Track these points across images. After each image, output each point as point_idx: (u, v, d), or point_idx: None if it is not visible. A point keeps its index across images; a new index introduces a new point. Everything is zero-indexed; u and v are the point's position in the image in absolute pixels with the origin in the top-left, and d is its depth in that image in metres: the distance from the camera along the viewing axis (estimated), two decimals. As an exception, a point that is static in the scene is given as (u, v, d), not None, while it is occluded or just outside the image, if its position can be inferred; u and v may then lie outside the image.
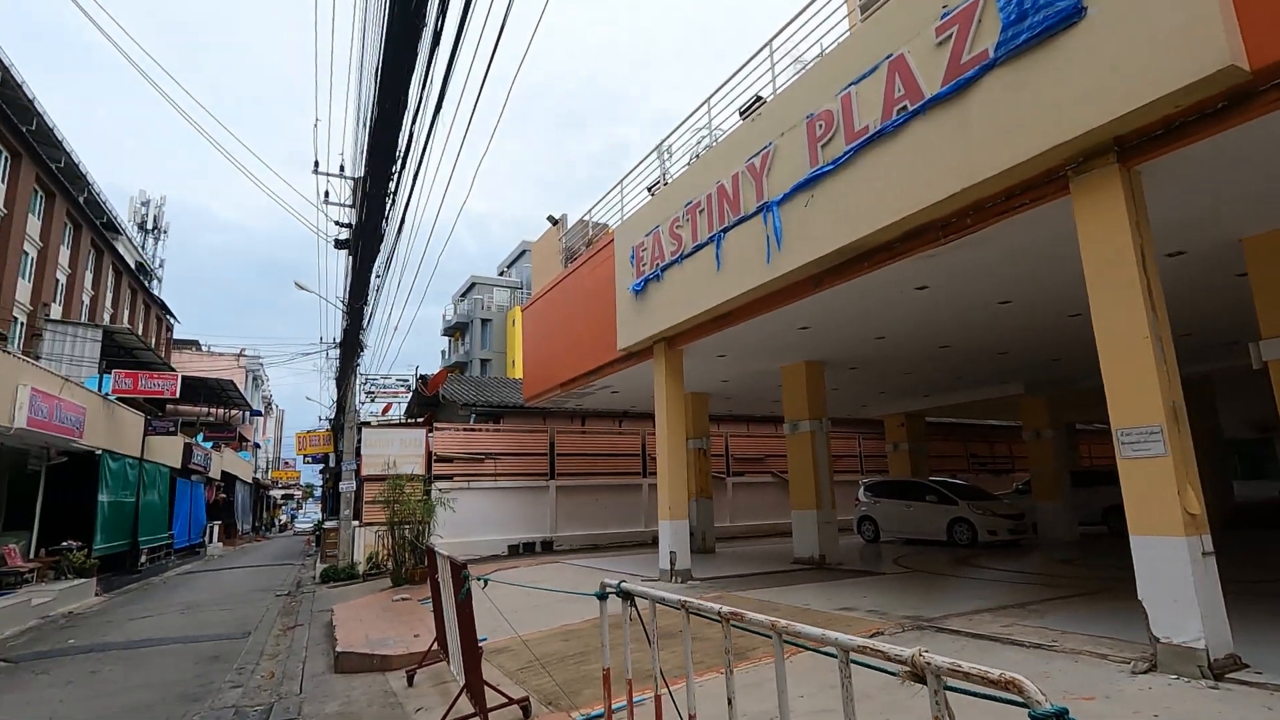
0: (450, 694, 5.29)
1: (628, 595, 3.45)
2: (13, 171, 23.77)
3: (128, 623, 10.83)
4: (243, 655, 7.99)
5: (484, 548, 15.59)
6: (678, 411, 10.92)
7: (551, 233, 15.81)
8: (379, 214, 9.24)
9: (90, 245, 29.94)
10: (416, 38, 5.50)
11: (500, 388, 20.99)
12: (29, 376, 12.38)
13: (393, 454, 15.58)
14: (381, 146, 7.43)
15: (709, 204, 8.90)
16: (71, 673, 7.43)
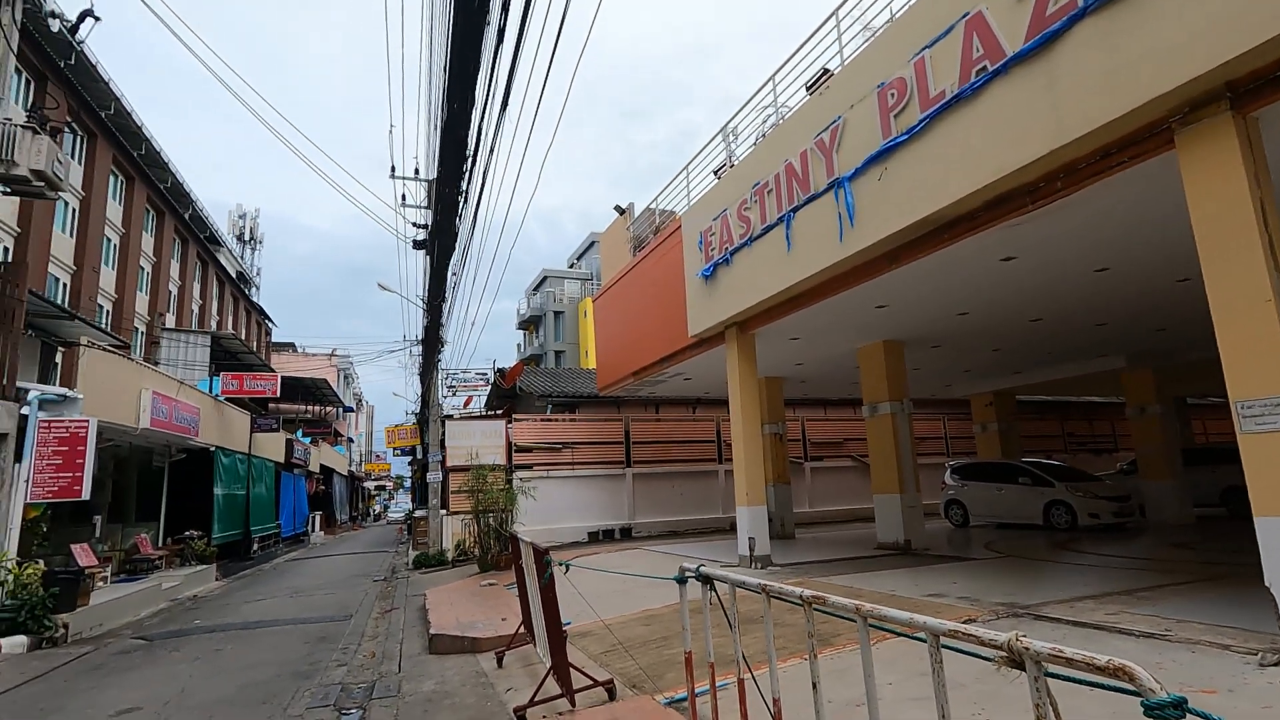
0: (538, 675, 5.46)
1: (707, 580, 3.46)
2: (127, 194, 25.89)
3: (244, 605, 11.71)
4: (346, 636, 8.50)
5: (565, 534, 15.96)
6: (751, 397, 10.80)
7: (619, 222, 15.89)
8: (453, 213, 9.54)
9: (196, 258, 32.31)
10: (480, 35, 5.62)
11: (574, 378, 21.35)
12: (150, 381, 13.52)
13: (475, 445, 16.13)
14: (452, 146, 7.66)
15: (777, 184, 8.71)
16: (198, 650, 8.11)
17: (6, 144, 8.98)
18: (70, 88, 20.85)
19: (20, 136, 9.01)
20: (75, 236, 22.14)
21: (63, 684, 6.85)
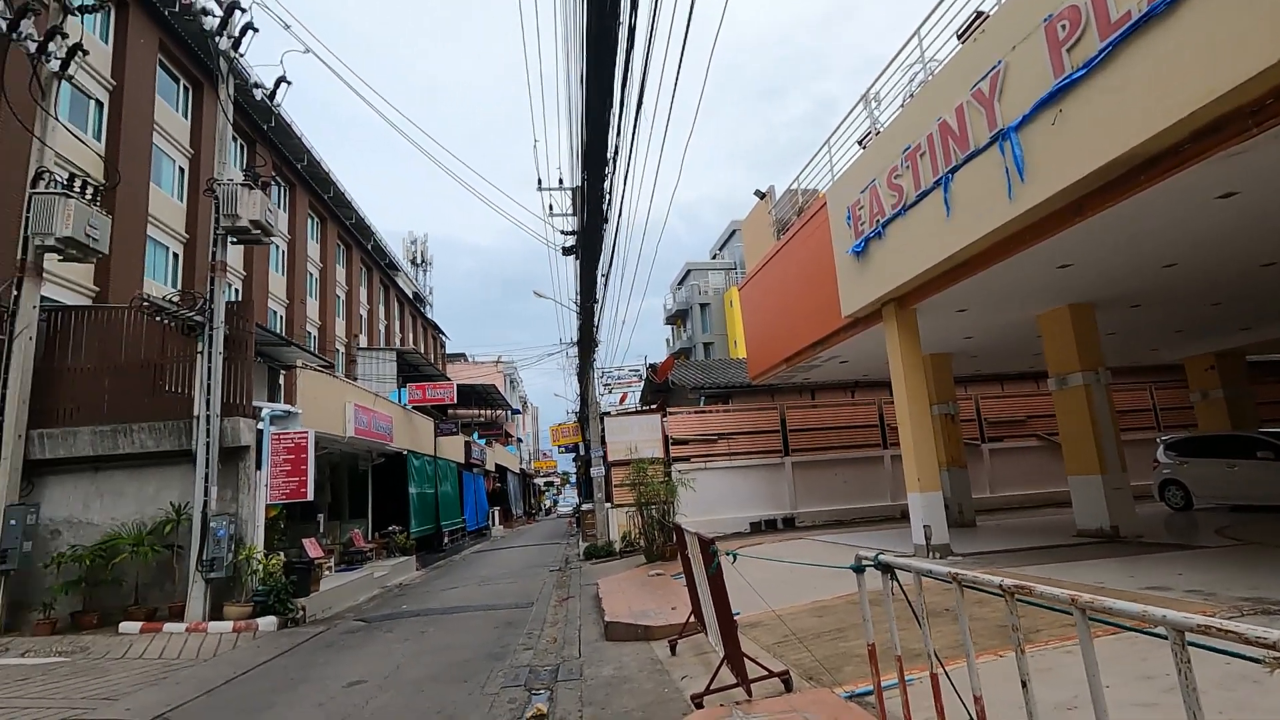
0: (710, 664, 5.51)
1: (888, 568, 3.28)
2: (322, 233, 29.51)
3: (441, 593, 12.95)
4: (529, 622, 9.12)
5: (726, 525, 15.96)
6: (916, 376, 10.13)
7: (760, 208, 15.58)
8: (597, 217, 9.88)
9: (379, 283, 36.16)
10: (613, 44, 5.75)
11: (725, 369, 21.27)
12: (352, 395, 15.35)
13: (633, 440, 16.61)
14: (592, 152, 7.93)
15: (930, 145, 8.08)
16: (407, 632, 9.09)
17: (230, 201, 10.59)
18: (272, 146, 24.13)
19: (241, 194, 10.58)
20: (285, 274, 25.62)
21: (305, 657, 7.98)
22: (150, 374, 10.63)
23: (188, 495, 10.03)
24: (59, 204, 9.69)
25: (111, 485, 10.28)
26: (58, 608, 9.42)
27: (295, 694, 6.39)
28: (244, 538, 10.18)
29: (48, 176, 9.95)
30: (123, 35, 17.27)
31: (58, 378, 10.31)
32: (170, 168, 19.70)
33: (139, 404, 10.45)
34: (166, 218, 19.01)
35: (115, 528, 10.00)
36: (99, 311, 11.35)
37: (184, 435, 10.21)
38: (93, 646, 8.42)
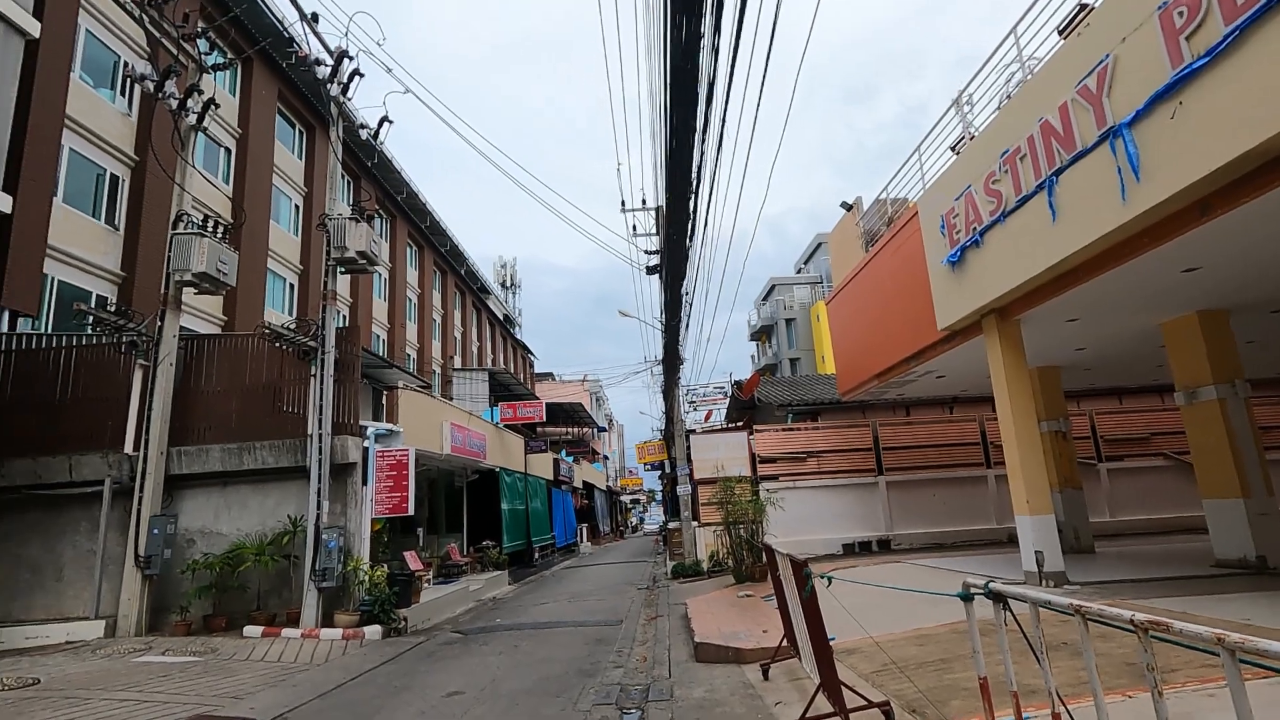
0: (805, 690, 5.34)
1: (999, 597, 3.09)
2: (420, 260, 31.13)
3: (533, 607, 13.22)
4: (619, 640, 9.15)
5: (817, 546, 15.49)
6: (1021, 391, 9.53)
7: (847, 219, 15.22)
8: (681, 236, 9.95)
9: (472, 306, 37.72)
10: (695, 65, 5.83)
11: (813, 385, 20.77)
12: (448, 414, 16.04)
13: (719, 458, 16.45)
14: (675, 174, 8.02)
15: (1031, 148, 7.66)
16: (502, 645, 9.33)
17: (339, 234, 11.38)
18: (375, 181, 25.79)
19: (348, 227, 11.35)
20: (387, 300, 27.19)
21: (408, 666, 8.34)
22: (270, 395, 11.52)
23: (302, 509, 10.75)
24: (195, 243, 10.73)
25: (238, 498, 11.18)
26: (192, 610, 10.29)
27: (399, 700, 6.68)
28: (352, 550, 10.79)
29: (185, 218, 11.05)
30: (247, 88, 19.02)
31: (193, 400, 11.35)
32: (287, 205, 21.41)
33: (260, 423, 11.33)
34: (284, 251, 20.63)
35: (241, 538, 10.85)
36: (227, 339, 12.44)
37: (299, 452, 10.98)
38: (221, 648, 9.13)
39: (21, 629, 9.77)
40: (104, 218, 14.54)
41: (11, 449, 10.54)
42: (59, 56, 12.93)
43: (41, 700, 6.54)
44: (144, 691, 6.88)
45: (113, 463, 10.66)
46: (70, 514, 10.63)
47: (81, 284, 13.85)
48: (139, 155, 15.08)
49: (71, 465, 10.61)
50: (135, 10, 10.43)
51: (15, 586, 10.37)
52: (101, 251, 14.30)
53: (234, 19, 16.11)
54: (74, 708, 6.29)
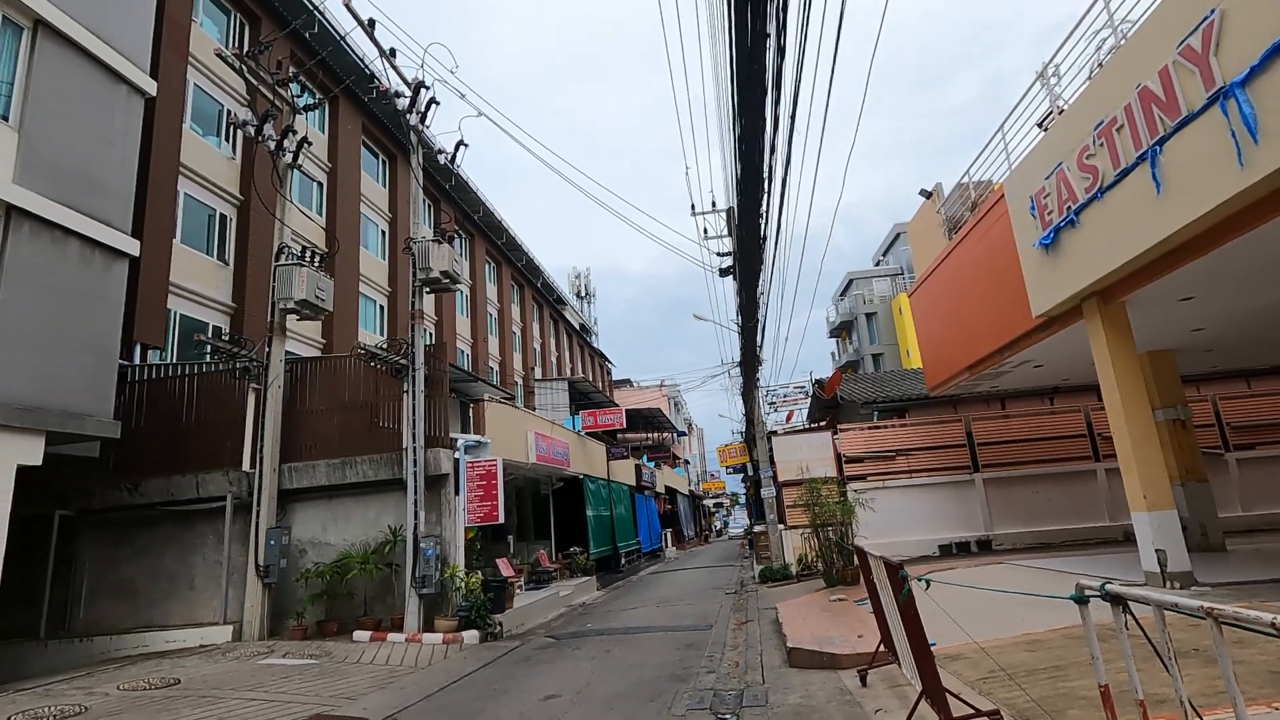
0: (905, 697, 5.17)
1: (1118, 599, 2.90)
2: (498, 276, 32.13)
3: (622, 613, 13.36)
4: (710, 645, 9.11)
5: (911, 548, 14.91)
6: (1130, 378, 8.87)
7: (926, 207, 14.65)
8: (755, 236, 9.86)
9: (549, 318, 38.60)
10: (761, 62, 5.78)
11: (898, 380, 20.05)
12: (532, 424, 16.47)
13: (803, 459, 16.13)
14: (746, 172, 7.96)
15: (1129, 117, 7.15)
16: (594, 650, 9.48)
17: (424, 256, 11.92)
18: (452, 201, 26.83)
19: (431, 249, 11.88)
20: (469, 316, 28.20)
21: (505, 670, 8.60)
22: (367, 412, 12.18)
23: (401, 519, 11.29)
24: (296, 273, 11.51)
25: (342, 510, 11.87)
26: (306, 616, 10.99)
27: (499, 703, 6.90)
28: (448, 557, 11.24)
29: (286, 250, 11.87)
30: (335, 124, 20.25)
31: (299, 419, 12.15)
32: (374, 231, 22.61)
33: (359, 439, 12.00)
34: (373, 275, 21.79)
35: (347, 548, 11.51)
36: (327, 361, 13.26)
37: (396, 465, 11.55)
38: (334, 651, 9.71)
39: (162, 633, 10.72)
40: (215, 254, 15.81)
41: (146, 469, 11.60)
42: (172, 111, 14.19)
43: (183, 699, 7.15)
44: (269, 692, 7.41)
45: (233, 480, 11.55)
46: (199, 528, 11.59)
47: (199, 316, 15.11)
48: (243, 195, 16.32)
49: (198, 483, 11.57)
50: (236, 63, 11.33)
51: (155, 594, 11.39)
52: (215, 285, 15.56)
53: (321, 61, 17.20)
54: (211, 705, 6.85)
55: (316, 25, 17.78)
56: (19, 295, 8.75)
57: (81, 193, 9.66)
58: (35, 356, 8.89)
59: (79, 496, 11.49)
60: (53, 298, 9.18)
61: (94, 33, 9.99)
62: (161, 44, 13.54)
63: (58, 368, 9.16)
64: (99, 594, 11.50)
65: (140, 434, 11.51)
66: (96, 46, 10.00)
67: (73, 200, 9.50)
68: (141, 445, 11.49)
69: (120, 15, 10.57)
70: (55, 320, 9.18)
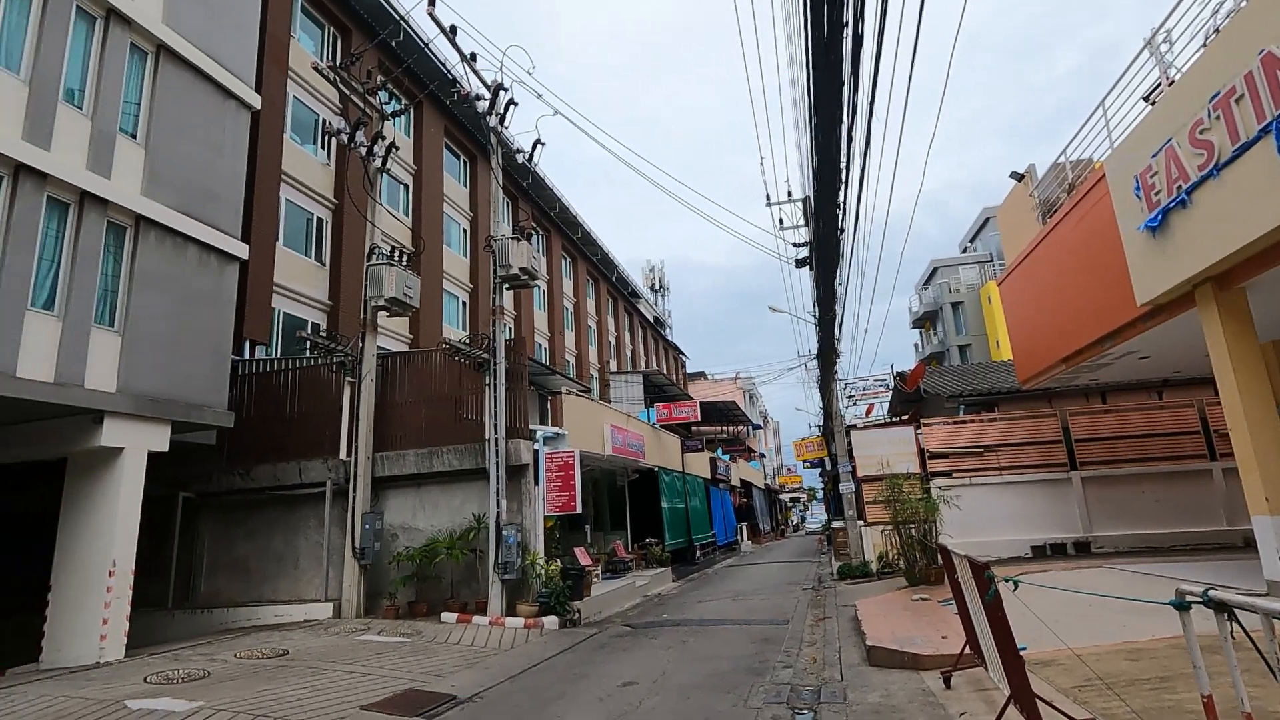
0: (992, 702, 5.00)
1: (1221, 606, 2.73)
2: (574, 271, 32.69)
3: (697, 604, 13.42)
4: (786, 640, 9.05)
5: (1000, 548, 14.24)
6: (1251, 370, 8.15)
7: (1018, 191, 13.89)
8: (832, 228, 9.64)
9: (624, 311, 38.94)
10: (838, 48, 5.65)
11: (987, 373, 19.13)
12: (608, 417, 16.74)
13: (884, 454, 15.67)
14: (823, 164, 7.80)
15: (1249, 86, 6.56)
16: (670, 640, 9.59)
17: (504, 253, 12.30)
18: (529, 199, 27.47)
19: (510, 246, 12.25)
20: (546, 310, 28.84)
21: (584, 656, 8.84)
22: (452, 404, 12.72)
23: (484, 507, 11.75)
24: (386, 272, 12.13)
25: (430, 498, 12.46)
26: (398, 596, 11.63)
27: (578, 687, 7.11)
28: (528, 545, 11.63)
29: (377, 251, 12.52)
30: (419, 128, 21.12)
31: (389, 410, 12.82)
32: (456, 230, 23.47)
33: (445, 430, 12.55)
34: (455, 272, 22.63)
35: (434, 533, 12.09)
36: (415, 355, 13.92)
37: (479, 455, 12.01)
38: (424, 631, 10.24)
39: (272, 608, 11.60)
40: (314, 255, 16.85)
41: (256, 456, 12.55)
42: (274, 122, 15.19)
43: (292, 669, 7.74)
44: (367, 666, 7.91)
45: (331, 467, 12.33)
46: (302, 511, 12.44)
47: (300, 314, 16.15)
48: (337, 199, 17.29)
49: (300, 469, 12.42)
50: (330, 75, 12.02)
51: (265, 571, 12.33)
52: (313, 285, 16.58)
53: (406, 68, 17.97)
54: (316, 676, 7.39)
55: (402, 33, 18.57)
56: (147, 298, 9.64)
57: (198, 201, 10.52)
58: (162, 353, 9.77)
59: (199, 480, 12.56)
60: (175, 299, 10.05)
61: (207, 53, 10.83)
62: (264, 59, 14.50)
63: (181, 363, 10.05)
64: (217, 570, 12.55)
65: (250, 423, 12.44)
66: (209, 66, 10.84)
67: (191, 209, 10.36)
68: (251, 434, 12.42)
69: (229, 35, 11.41)
70: (178, 320, 10.06)
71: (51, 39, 8.75)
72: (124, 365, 9.27)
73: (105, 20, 9.50)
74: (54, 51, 8.76)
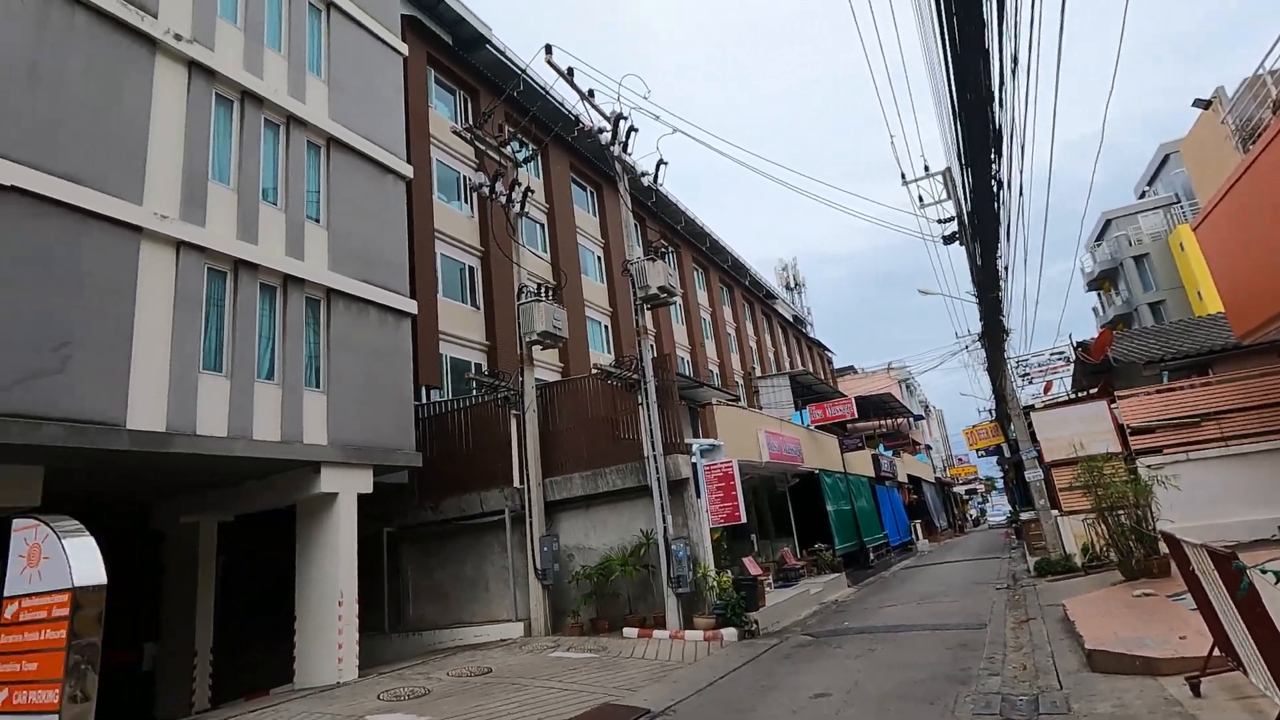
0: (1259, 712, 4.34)
1: None
2: (707, 280, 32.77)
3: (879, 610, 12.82)
4: (987, 645, 8.40)
5: (1238, 530, 12.26)
6: None
7: (1206, 119, 12.12)
8: (987, 199, 8.94)
9: (761, 314, 38.43)
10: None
11: (1191, 331, 16.70)
12: (760, 423, 16.56)
13: (1074, 434, 14.15)
14: (973, 125, 7.27)
15: None
16: (855, 648, 9.24)
17: (641, 275, 12.64)
18: (656, 217, 28.00)
19: (647, 267, 12.56)
20: (684, 324, 29.14)
21: (767, 667, 8.74)
22: (608, 426, 13.18)
23: (649, 523, 12.02)
24: (535, 308, 12.90)
25: (598, 518, 12.96)
26: (581, 614, 12.17)
27: (769, 699, 7.04)
28: (698, 558, 11.73)
29: (525, 289, 13.35)
30: (547, 167, 22.33)
31: (553, 437, 13.53)
32: (591, 258, 24.45)
33: (605, 451, 13.02)
34: (595, 299, 23.54)
35: (607, 551, 12.55)
36: (569, 383, 14.62)
37: (640, 473, 12.33)
38: (609, 646, 10.63)
39: (470, 629, 12.60)
40: (469, 301, 18.28)
41: (441, 490, 13.74)
42: (423, 186, 16.74)
43: (497, 684, 8.36)
44: (563, 681, 8.35)
45: (507, 495, 13.22)
46: (486, 538, 13.43)
47: (463, 356, 17.56)
48: (483, 246, 18.67)
49: (481, 500, 13.43)
50: (467, 135, 13.08)
51: (460, 596, 13.42)
52: (471, 329, 17.98)
53: (532, 116, 19.13)
54: (520, 692, 7.92)
55: (522, 84, 19.81)
56: (342, 359, 10.96)
57: (372, 268, 11.82)
58: (358, 406, 11.04)
59: (397, 516, 13.96)
60: (364, 357, 11.34)
61: (366, 137, 12.20)
62: (410, 132, 16.07)
63: (374, 414, 11.29)
64: (420, 596, 13.85)
65: (433, 462, 13.65)
66: (369, 148, 12.21)
67: (368, 276, 11.67)
68: (435, 471, 13.62)
69: (382, 118, 12.79)
70: (367, 375, 11.32)
71: (249, 149, 10.30)
72: (331, 420, 10.58)
73: (286, 126, 11.02)
74: (251, 160, 10.30)
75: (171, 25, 9.37)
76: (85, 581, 5.50)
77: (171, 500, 12.04)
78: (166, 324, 8.71)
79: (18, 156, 7.51)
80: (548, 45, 11.69)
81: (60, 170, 7.84)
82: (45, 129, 7.84)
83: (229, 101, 10.26)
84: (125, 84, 8.77)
